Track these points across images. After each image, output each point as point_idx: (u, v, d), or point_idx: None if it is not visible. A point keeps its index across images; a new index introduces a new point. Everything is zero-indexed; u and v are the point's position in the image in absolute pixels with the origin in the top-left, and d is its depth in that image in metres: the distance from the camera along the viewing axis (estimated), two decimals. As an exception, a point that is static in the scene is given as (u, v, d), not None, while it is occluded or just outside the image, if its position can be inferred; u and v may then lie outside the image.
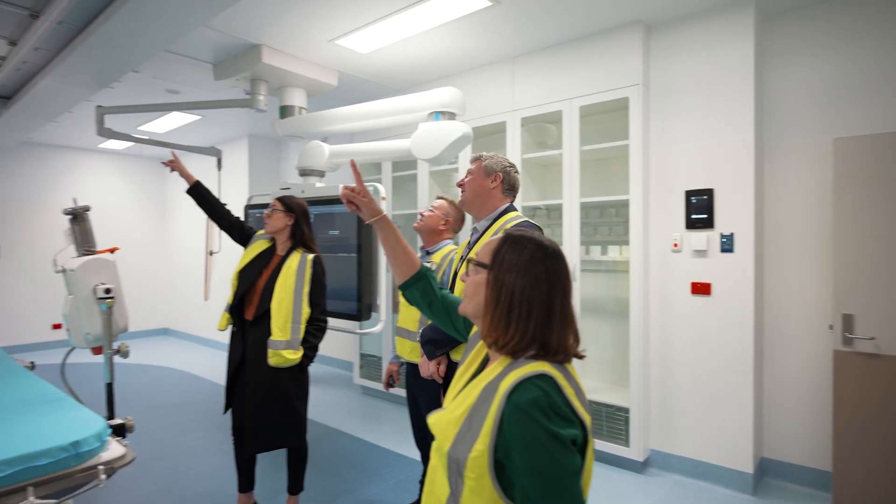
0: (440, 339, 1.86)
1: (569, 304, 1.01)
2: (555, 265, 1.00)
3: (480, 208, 1.94)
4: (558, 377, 0.92)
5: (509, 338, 0.97)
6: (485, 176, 1.93)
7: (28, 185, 6.71)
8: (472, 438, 0.91)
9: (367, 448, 3.58)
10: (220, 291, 6.39)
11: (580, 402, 0.92)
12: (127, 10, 2.58)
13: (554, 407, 0.87)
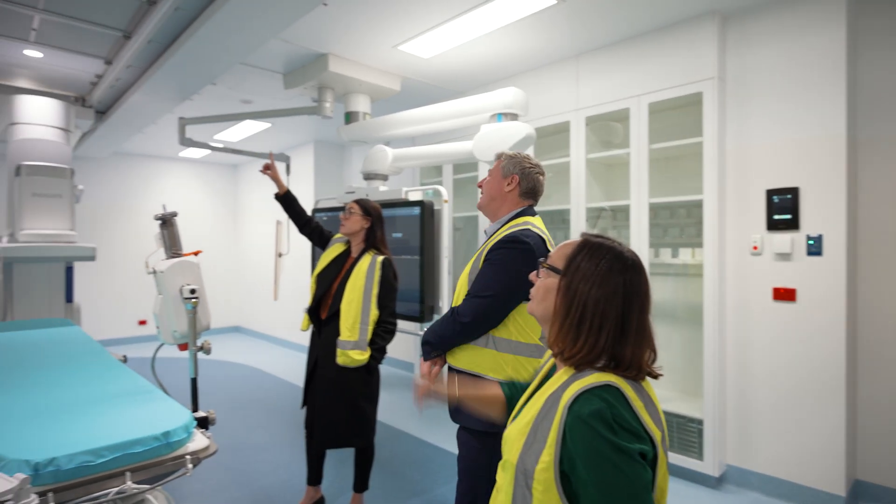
0: (435, 342, 1.82)
1: (646, 319, 0.95)
2: (634, 277, 0.95)
3: (495, 212, 1.85)
4: (626, 389, 0.88)
5: (577, 350, 0.93)
6: (501, 178, 1.83)
7: (118, 191, 7.29)
8: (538, 450, 0.89)
9: (431, 450, 3.61)
10: (289, 292, 6.67)
11: (650, 417, 0.88)
12: (207, 28, 2.75)
13: (619, 419, 0.84)
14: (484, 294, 1.68)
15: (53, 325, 3.24)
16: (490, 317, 1.69)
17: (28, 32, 3.18)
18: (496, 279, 1.68)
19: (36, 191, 3.34)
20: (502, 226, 1.81)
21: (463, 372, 1.77)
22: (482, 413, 1.34)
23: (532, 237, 1.71)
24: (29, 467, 1.23)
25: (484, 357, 1.72)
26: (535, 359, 1.74)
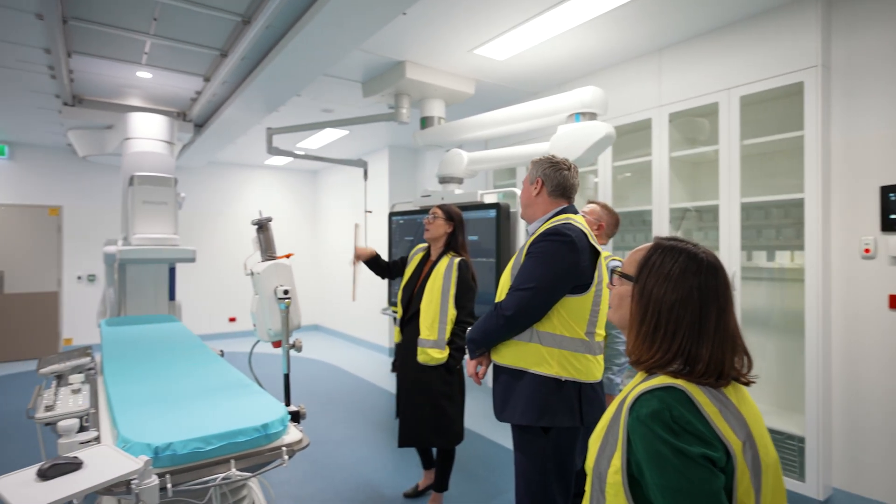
0: (480, 339, 1.82)
1: (727, 321, 0.90)
2: (710, 279, 0.91)
3: (532, 217, 1.91)
4: (694, 392, 0.84)
5: (651, 355, 0.91)
6: (529, 184, 1.91)
7: (212, 198, 7.89)
8: (609, 454, 0.89)
9: (507, 455, 3.59)
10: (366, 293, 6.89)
11: (728, 424, 0.83)
12: (295, 43, 2.91)
13: (679, 421, 0.81)
14: (526, 286, 1.68)
15: (160, 320, 3.56)
16: (533, 309, 1.68)
17: (140, 56, 3.52)
18: (538, 271, 1.68)
19: (146, 199, 3.68)
20: (542, 224, 1.82)
21: (507, 368, 1.76)
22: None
23: (574, 230, 1.71)
24: (150, 450, 1.36)
25: (528, 352, 1.71)
26: (580, 353, 1.72)
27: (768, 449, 0.88)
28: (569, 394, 1.68)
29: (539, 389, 1.67)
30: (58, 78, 3.78)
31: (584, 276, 1.71)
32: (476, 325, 1.81)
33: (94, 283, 6.92)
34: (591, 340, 1.73)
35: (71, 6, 2.81)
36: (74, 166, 6.78)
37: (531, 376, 1.69)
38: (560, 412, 1.67)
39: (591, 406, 1.75)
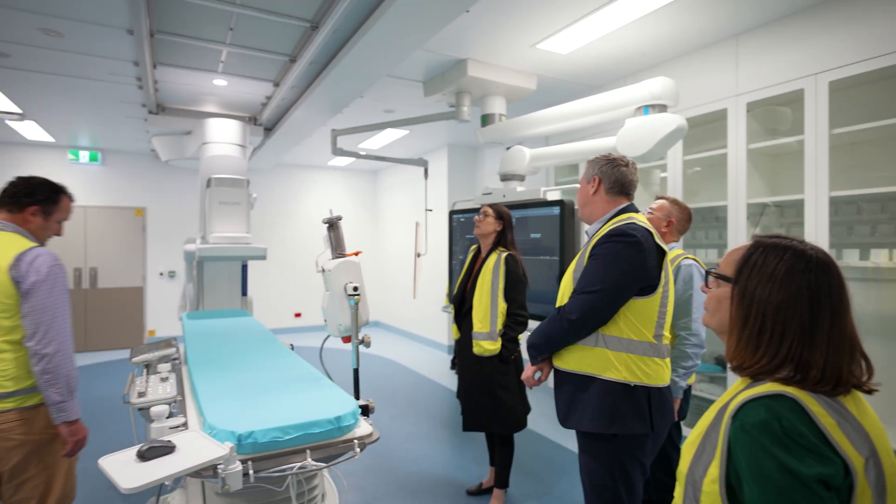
0: (541, 344, 1.77)
1: (843, 323, 0.83)
2: (820, 277, 0.84)
3: (590, 216, 1.85)
4: (808, 401, 0.77)
5: (756, 360, 0.85)
6: (585, 183, 1.86)
7: (278, 198, 8.24)
8: (706, 462, 0.84)
9: (570, 456, 3.52)
10: (427, 290, 6.98)
11: (847, 437, 0.75)
12: (361, 46, 2.97)
13: (792, 433, 0.74)
14: (591, 289, 1.63)
15: (235, 314, 3.76)
16: (599, 313, 1.63)
17: (217, 64, 3.72)
18: (603, 274, 1.63)
19: (221, 199, 3.89)
20: (603, 224, 1.76)
21: (571, 374, 1.71)
22: None
23: (639, 230, 1.65)
24: (233, 438, 1.43)
25: (594, 357, 1.66)
26: (649, 357, 1.65)
27: (895, 467, 0.80)
28: (638, 399, 1.62)
29: (607, 396, 1.62)
30: (144, 88, 4.07)
31: (651, 277, 1.64)
32: (537, 330, 1.78)
33: (174, 278, 7.42)
34: (659, 343, 1.67)
35: (157, 20, 3.01)
36: (157, 170, 7.29)
37: (598, 382, 1.64)
38: (630, 419, 1.61)
39: (662, 411, 1.68)
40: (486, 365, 2.62)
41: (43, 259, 1.78)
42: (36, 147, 6.63)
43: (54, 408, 1.75)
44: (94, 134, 6.05)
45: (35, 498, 1.80)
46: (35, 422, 1.78)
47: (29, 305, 1.72)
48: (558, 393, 1.76)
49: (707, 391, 3.43)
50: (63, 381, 1.74)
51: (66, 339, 1.77)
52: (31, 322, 1.72)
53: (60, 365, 1.73)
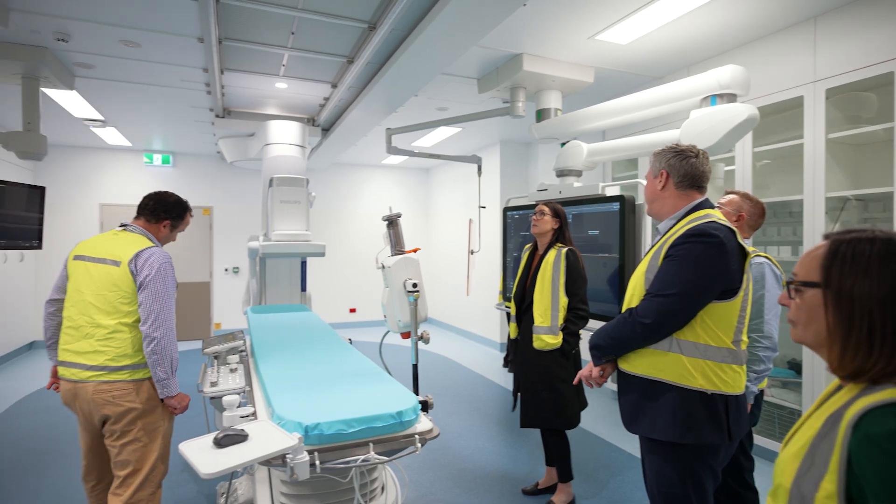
0: (607, 345, 1.69)
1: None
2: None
3: (659, 213, 1.75)
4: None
5: (872, 364, 0.78)
6: (652, 177, 1.76)
7: (334, 196, 8.46)
8: (817, 475, 0.77)
9: (624, 457, 3.42)
10: (480, 287, 6.97)
11: None
12: (417, 45, 2.99)
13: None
14: (667, 292, 1.54)
15: (296, 309, 3.89)
16: (675, 317, 1.55)
17: (279, 68, 3.86)
18: (682, 276, 1.53)
19: (283, 198, 4.04)
20: (678, 221, 1.66)
21: (640, 378, 1.63)
22: None
23: (722, 230, 1.55)
24: (300, 429, 1.48)
25: (667, 362, 1.57)
26: (727, 364, 1.55)
27: None
28: (715, 408, 1.53)
29: (682, 404, 1.54)
30: (212, 93, 4.28)
31: (733, 280, 1.54)
32: (603, 331, 1.71)
33: (237, 274, 7.78)
34: (737, 349, 1.57)
35: (225, 28, 3.16)
36: (223, 171, 7.66)
37: (671, 389, 1.56)
38: (707, 428, 1.53)
39: (738, 420, 1.58)
40: (547, 359, 2.62)
41: (156, 257, 2.08)
42: (115, 151, 7.12)
43: (160, 384, 2.03)
44: (166, 138, 6.43)
45: (133, 461, 2.04)
46: (141, 392, 2.05)
47: (143, 295, 2.01)
48: (624, 396, 1.70)
49: (779, 397, 3.23)
50: (168, 361, 2.01)
51: (171, 326, 2.03)
52: (145, 310, 1.99)
53: (166, 347, 2.00)
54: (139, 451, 2.05)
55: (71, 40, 3.27)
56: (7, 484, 3.04)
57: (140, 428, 2.05)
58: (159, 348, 1.98)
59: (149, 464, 2.05)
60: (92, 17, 2.98)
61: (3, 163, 5.64)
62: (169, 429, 2.16)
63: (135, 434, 2.04)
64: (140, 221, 2.27)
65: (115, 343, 2.01)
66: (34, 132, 3.56)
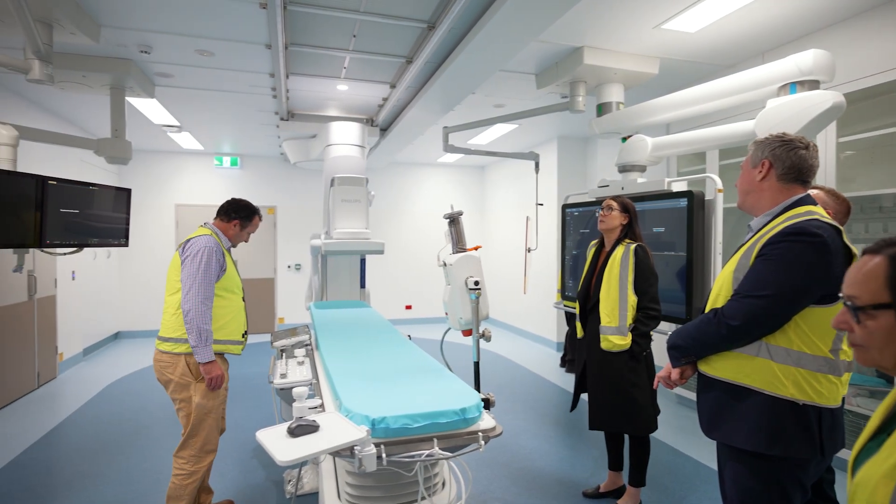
0: (688, 346, 1.58)
1: None
2: None
3: (754, 207, 1.61)
4: None
5: None
6: (750, 167, 1.62)
7: (391, 195, 8.61)
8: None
9: (690, 464, 3.28)
10: (537, 285, 6.89)
11: None
12: (476, 42, 2.99)
13: None
14: (759, 293, 1.43)
15: (356, 305, 3.99)
16: (766, 321, 1.44)
17: (340, 71, 3.97)
18: (776, 277, 1.42)
19: (344, 197, 4.16)
20: (774, 217, 1.53)
21: (723, 382, 1.54)
22: None
23: (825, 229, 1.41)
24: (367, 422, 1.52)
25: (755, 368, 1.47)
26: (822, 374, 1.42)
27: None
28: (807, 420, 1.42)
29: (770, 413, 1.44)
30: (278, 97, 4.46)
31: (835, 284, 1.41)
32: (684, 330, 1.63)
33: (299, 271, 8.08)
34: (836, 359, 1.44)
35: (291, 34, 3.28)
36: (286, 172, 7.98)
37: (759, 396, 1.46)
38: (797, 441, 1.42)
39: (833, 434, 1.46)
40: (616, 361, 2.51)
41: (198, 244, 2.39)
42: (189, 154, 7.58)
43: (193, 350, 2.31)
44: (234, 141, 6.77)
45: (183, 427, 2.42)
46: (177, 367, 2.37)
47: (181, 274, 2.36)
48: (703, 399, 1.61)
49: (865, 406, 2.99)
50: (195, 331, 2.30)
51: (198, 302, 2.31)
52: (182, 286, 2.34)
53: (193, 319, 2.30)
54: (185, 419, 2.40)
55: (153, 52, 3.51)
56: (100, 463, 3.31)
57: (181, 399, 2.39)
58: (188, 319, 2.29)
59: (192, 431, 2.39)
60: (172, 30, 3.18)
61: (91, 167, 6.13)
62: (209, 406, 2.41)
63: (178, 404, 2.41)
64: (216, 220, 2.63)
65: (167, 318, 2.40)
66: (121, 139, 3.85)
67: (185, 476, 2.39)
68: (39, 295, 4.97)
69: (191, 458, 2.40)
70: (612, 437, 2.81)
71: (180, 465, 2.40)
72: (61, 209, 2.98)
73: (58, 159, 5.18)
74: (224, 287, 2.48)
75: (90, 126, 5.89)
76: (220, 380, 2.39)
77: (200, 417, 2.40)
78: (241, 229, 2.65)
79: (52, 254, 3.17)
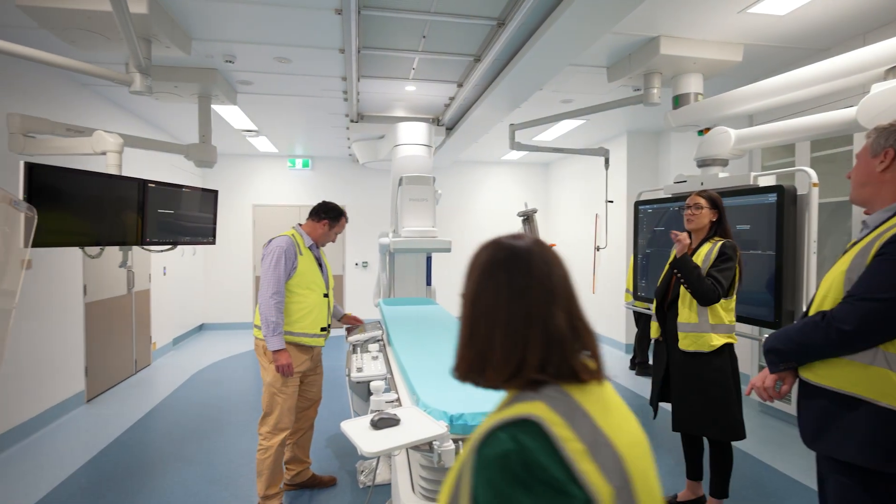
0: (789, 351, 1.45)
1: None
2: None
3: (870, 200, 1.48)
4: (554, 423, 0.63)
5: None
6: (870, 157, 1.47)
7: (455, 194, 8.66)
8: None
9: (774, 476, 3.07)
10: (606, 285, 6.70)
11: (594, 460, 0.62)
12: (546, 37, 2.93)
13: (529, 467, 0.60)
14: (877, 296, 1.31)
15: (424, 302, 4.05)
16: (884, 326, 1.32)
17: (409, 72, 4.04)
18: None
19: (412, 196, 4.23)
20: (894, 214, 1.40)
21: (830, 391, 1.41)
22: None
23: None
24: (446, 418, 1.54)
25: (868, 376, 1.34)
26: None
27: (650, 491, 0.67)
28: None
29: (885, 426, 1.33)
30: (349, 100, 4.61)
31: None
32: (784, 334, 1.52)
33: (366, 268, 8.31)
34: None
35: (363, 38, 3.38)
36: (354, 172, 8.23)
37: (872, 407, 1.34)
38: None
39: None
40: (697, 361, 2.40)
41: (273, 245, 2.63)
42: (264, 157, 7.99)
43: (264, 338, 2.54)
44: (306, 143, 7.06)
45: (263, 405, 2.67)
46: (260, 350, 2.66)
47: (260, 270, 2.63)
48: (806, 408, 1.50)
49: None
50: (264, 322, 2.54)
51: (267, 297, 2.54)
52: (260, 281, 2.62)
53: (263, 312, 2.55)
54: (265, 400, 2.63)
55: (236, 61, 3.73)
56: (189, 446, 3.57)
57: (264, 382, 2.66)
58: (260, 311, 2.56)
59: (266, 409, 2.63)
60: (254, 40, 3.37)
61: (178, 170, 6.60)
62: (277, 388, 2.61)
63: (264, 386, 2.66)
64: (307, 220, 2.86)
65: (257, 308, 2.65)
66: (207, 144, 4.12)
67: (262, 451, 2.60)
68: (136, 289, 5.43)
69: (266, 434, 2.62)
70: (690, 444, 2.68)
71: (259, 440, 2.64)
72: (159, 210, 3.24)
73: (148, 163, 5.62)
74: (299, 284, 2.62)
75: (174, 130, 6.34)
76: (289, 368, 2.57)
77: (270, 396, 2.62)
78: (328, 229, 2.86)
79: (150, 251, 3.45)
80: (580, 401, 0.68)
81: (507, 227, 7.03)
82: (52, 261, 3.95)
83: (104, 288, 4.77)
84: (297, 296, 2.62)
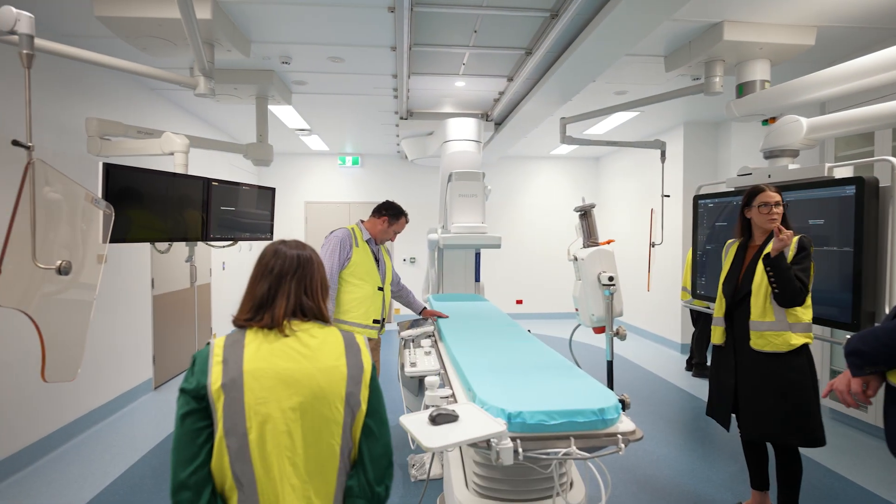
0: (876, 354, 1.35)
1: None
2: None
3: None
4: (217, 344, 1.14)
5: None
6: None
7: (503, 189, 8.59)
8: None
9: (849, 487, 2.88)
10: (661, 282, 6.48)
11: (222, 362, 1.10)
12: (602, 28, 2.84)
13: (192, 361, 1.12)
14: None
15: (473, 298, 4.04)
16: None
17: (459, 67, 4.03)
18: None
19: (461, 192, 4.22)
20: None
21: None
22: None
23: None
24: (504, 415, 1.53)
25: None
26: None
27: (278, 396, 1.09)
28: None
29: None
30: (399, 97, 4.64)
31: None
32: (870, 335, 1.42)
33: (413, 264, 8.39)
34: None
35: (415, 34, 3.39)
36: (403, 169, 8.31)
37: None
38: None
39: None
40: (776, 362, 2.24)
41: (333, 234, 2.80)
42: (316, 155, 8.19)
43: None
44: (356, 141, 7.19)
45: None
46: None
47: None
48: (893, 415, 1.40)
49: None
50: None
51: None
52: None
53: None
54: None
55: (292, 62, 3.83)
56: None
57: None
58: None
59: None
60: (309, 40, 3.45)
61: (235, 168, 6.87)
62: None
63: None
64: (370, 217, 3.02)
65: None
66: (264, 143, 4.26)
67: None
68: (199, 283, 5.70)
69: None
70: (754, 451, 2.52)
71: None
72: (221, 207, 3.38)
73: (208, 162, 5.88)
74: (353, 274, 2.71)
75: (231, 130, 6.59)
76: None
77: None
78: (388, 226, 2.98)
79: (213, 247, 3.61)
80: (246, 339, 1.15)
81: (556, 222, 6.98)
82: (122, 256, 4.20)
83: (169, 281, 5.03)
84: (350, 285, 2.71)
